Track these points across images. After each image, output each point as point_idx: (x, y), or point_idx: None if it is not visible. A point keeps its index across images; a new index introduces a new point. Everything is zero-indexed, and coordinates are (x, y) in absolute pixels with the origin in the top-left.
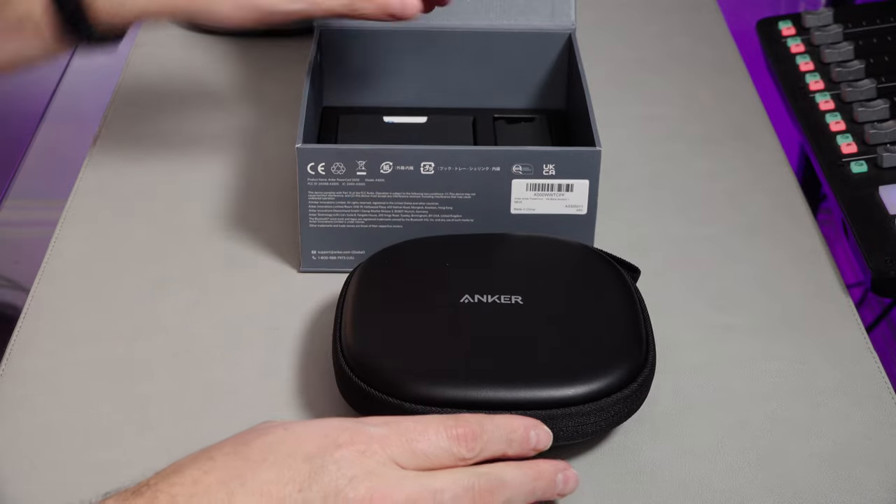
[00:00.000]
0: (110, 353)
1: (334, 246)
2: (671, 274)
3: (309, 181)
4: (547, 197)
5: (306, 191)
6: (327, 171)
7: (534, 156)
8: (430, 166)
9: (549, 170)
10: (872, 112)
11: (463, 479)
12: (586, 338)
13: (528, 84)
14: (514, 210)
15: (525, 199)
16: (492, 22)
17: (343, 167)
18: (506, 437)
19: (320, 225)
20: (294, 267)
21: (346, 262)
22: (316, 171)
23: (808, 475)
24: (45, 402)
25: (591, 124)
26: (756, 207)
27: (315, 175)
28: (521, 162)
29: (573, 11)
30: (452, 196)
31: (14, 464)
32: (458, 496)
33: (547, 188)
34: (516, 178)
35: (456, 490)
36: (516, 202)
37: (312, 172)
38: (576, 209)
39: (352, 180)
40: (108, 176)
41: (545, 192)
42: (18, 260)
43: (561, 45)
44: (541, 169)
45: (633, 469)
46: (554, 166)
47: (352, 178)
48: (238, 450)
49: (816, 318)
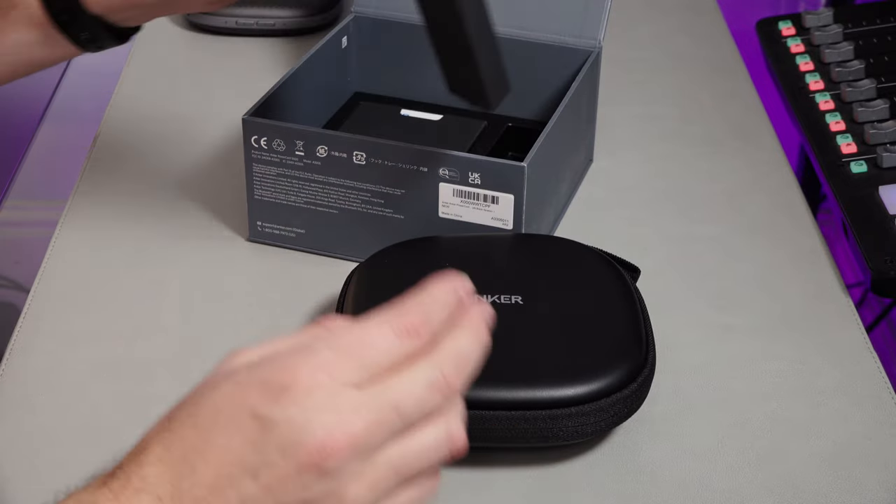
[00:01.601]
0: (110, 353)
1: (278, 220)
2: (671, 274)
3: (253, 153)
4: (473, 206)
5: (251, 162)
6: (269, 147)
7: (459, 162)
8: (362, 157)
9: (475, 178)
10: (872, 112)
11: (418, 376)
12: (586, 338)
13: (548, 96)
14: (442, 214)
15: (452, 205)
16: (522, 31)
17: (283, 144)
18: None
19: (264, 198)
20: (295, 268)
21: (289, 237)
22: (259, 145)
23: (808, 475)
24: (45, 402)
25: (536, 140)
26: (756, 207)
27: (258, 148)
28: (447, 166)
29: (602, 31)
30: (383, 189)
31: (14, 464)
32: (422, 398)
33: (473, 196)
34: (443, 182)
35: (416, 392)
36: (444, 206)
37: (256, 145)
38: (501, 223)
39: (291, 159)
40: (108, 176)
41: (471, 200)
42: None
43: (585, 61)
44: (466, 176)
45: (633, 469)
46: (479, 175)
47: (291, 156)
48: (191, 414)
49: (816, 318)
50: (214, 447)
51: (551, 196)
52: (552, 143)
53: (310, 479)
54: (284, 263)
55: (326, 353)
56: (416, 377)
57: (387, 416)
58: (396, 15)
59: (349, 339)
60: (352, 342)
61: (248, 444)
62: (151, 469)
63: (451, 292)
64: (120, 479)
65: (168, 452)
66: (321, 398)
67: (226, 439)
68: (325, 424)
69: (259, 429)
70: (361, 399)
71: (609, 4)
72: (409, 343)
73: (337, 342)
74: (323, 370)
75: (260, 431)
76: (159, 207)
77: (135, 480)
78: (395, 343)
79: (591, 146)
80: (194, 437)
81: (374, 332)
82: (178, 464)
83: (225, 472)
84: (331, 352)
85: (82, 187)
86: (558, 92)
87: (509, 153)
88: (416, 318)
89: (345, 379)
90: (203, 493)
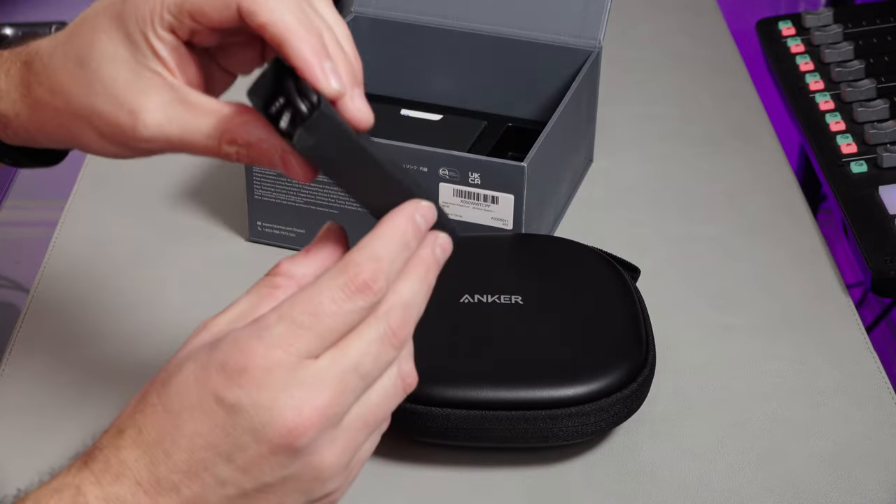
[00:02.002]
0: (110, 353)
1: (278, 220)
2: (671, 274)
3: None
4: (473, 206)
5: None
6: None
7: (459, 162)
8: None
9: (475, 178)
10: (872, 112)
11: (370, 334)
12: (586, 338)
13: (548, 96)
14: None
15: (453, 205)
16: (522, 31)
17: None
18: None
19: (264, 198)
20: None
21: (289, 237)
22: None
23: (808, 475)
24: (45, 403)
25: (536, 140)
26: (756, 207)
27: None
28: (447, 166)
29: (602, 31)
30: None
31: (14, 464)
32: (377, 355)
33: (473, 196)
34: (443, 182)
35: (371, 350)
36: (444, 206)
37: None
38: (501, 223)
39: None
40: (107, 176)
41: (471, 200)
42: (18, 260)
43: (585, 61)
44: (466, 176)
45: (633, 469)
46: (479, 175)
47: None
48: (160, 395)
49: (816, 318)
50: (185, 433)
51: (551, 196)
52: (552, 143)
53: (285, 459)
54: None
55: (279, 328)
56: (363, 335)
57: (349, 381)
58: (396, 15)
59: (301, 307)
60: (304, 311)
61: (217, 428)
62: (128, 453)
63: (403, 233)
64: (99, 462)
65: (142, 435)
66: (281, 376)
67: (195, 425)
68: (291, 403)
69: (226, 414)
70: (321, 369)
71: (609, 4)
72: (361, 301)
73: (290, 312)
74: (278, 346)
75: (227, 416)
76: (159, 207)
77: (114, 464)
78: (347, 304)
79: (591, 146)
80: (165, 422)
81: (325, 297)
82: (152, 448)
83: (198, 458)
84: (283, 325)
85: (82, 187)
86: (558, 92)
87: (509, 153)
88: (367, 272)
89: (301, 351)
90: (179, 478)
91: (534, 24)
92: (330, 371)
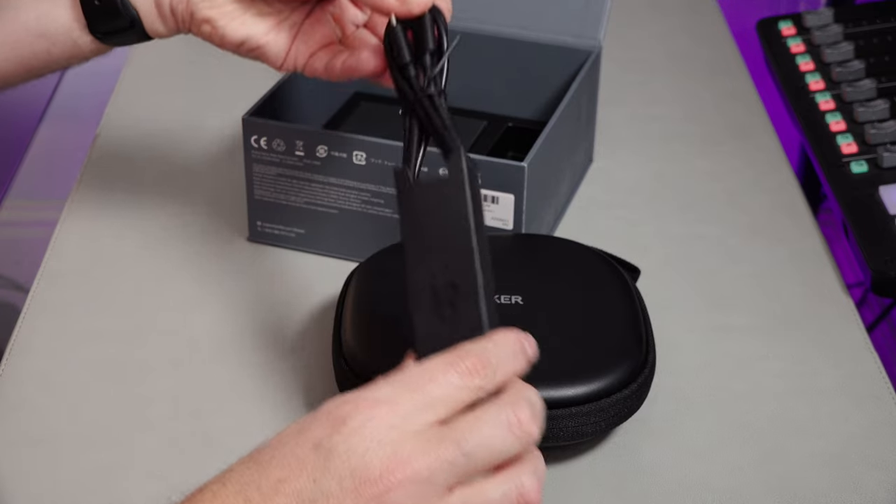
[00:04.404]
0: (110, 353)
1: (278, 220)
2: (671, 274)
3: (253, 153)
4: None
5: (251, 163)
6: (269, 146)
7: None
8: (362, 156)
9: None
10: (872, 112)
11: (489, 416)
12: (586, 338)
13: (548, 96)
14: None
15: None
16: (522, 31)
17: (283, 144)
18: (511, 352)
19: (264, 198)
20: (295, 268)
21: (289, 237)
22: (259, 145)
23: (808, 475)
24: (45, 403)
25: (536, 140)
26: (756, 207)
27: (258, 148)
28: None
29: (602, 31)
30: (384, 190)
31: (14, 464)
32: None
33: None
34: None
35: (486, 432)
36: None
37: (256, 145)
38: (502, 223)
39: (291, 159)
40: (107, 176)
41: None
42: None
43: (585, 61)
44: None
45: (633, 469)
46: (479, 175)
47: (291, 156)
48: (253, 455)
49: (816, 318)
50: (271, 480)
51: (551, 196)
52: (552, 143)
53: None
54: (284, 263)
55: (388, 390)
56: (482, 416)
57: (449, 454)
58: None
59: (410, 374)
60: (414, 380)
61: (305, 473)
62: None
63: (514, 341)
64: None
65: (224, 488)
66: (382, 431)
67: (284, 472)
68: (384, 456)
69: (319, 458)
70: (424, 434)
71: (609, 4)
72: (470, 381)
73: (401, 382)
74: (385, 405)
75: (319, 461)
76: (159, 208)
77: None
78: (456, 379)
79: (591, 146)
80: (254, 473)
81: (434, 369)
82: (231, 498)
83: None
84: (391, 386)
85: (82, 187)
86: (558, 92)
87: (509, 153)
88: (476, 359)
89: (407, 415)
90: None
91: (534, 23)
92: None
